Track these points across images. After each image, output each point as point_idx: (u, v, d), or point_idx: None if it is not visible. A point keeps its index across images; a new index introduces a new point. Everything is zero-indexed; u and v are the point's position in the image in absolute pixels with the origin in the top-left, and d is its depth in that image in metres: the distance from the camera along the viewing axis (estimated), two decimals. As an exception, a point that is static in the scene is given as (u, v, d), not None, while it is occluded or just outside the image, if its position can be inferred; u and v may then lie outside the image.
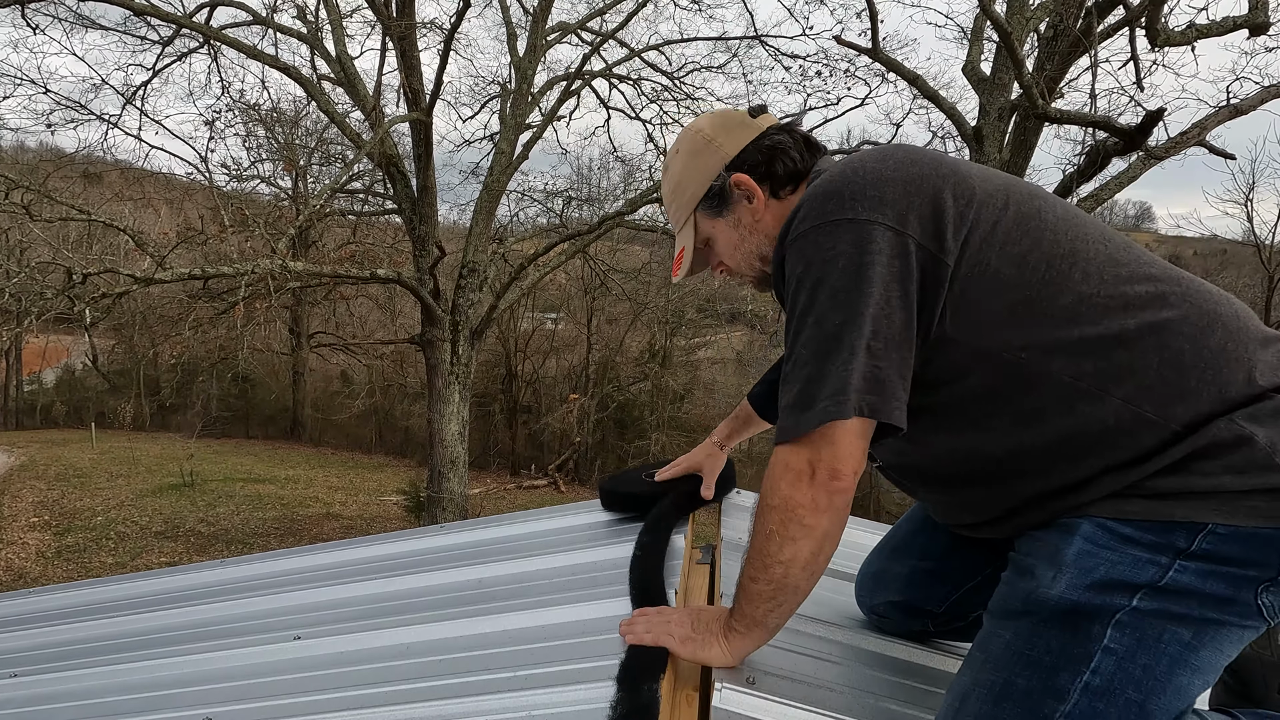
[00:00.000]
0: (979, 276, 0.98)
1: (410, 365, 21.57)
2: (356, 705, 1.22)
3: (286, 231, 9.46)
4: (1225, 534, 0.90)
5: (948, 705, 1.02)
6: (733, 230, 1.22)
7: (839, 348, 0.95)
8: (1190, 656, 0.91)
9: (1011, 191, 1.02)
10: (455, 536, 2.10)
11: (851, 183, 1.00)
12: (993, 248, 0.98)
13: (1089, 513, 0.97)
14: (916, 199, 0.98)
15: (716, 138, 1.21)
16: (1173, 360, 0.95)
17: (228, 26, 10.89)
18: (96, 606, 2.11)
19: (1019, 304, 0.97)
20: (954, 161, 1.05)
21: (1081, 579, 0.93)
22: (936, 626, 1.37)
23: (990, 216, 0.99)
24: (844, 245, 0.97)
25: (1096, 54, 6.04)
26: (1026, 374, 0.98)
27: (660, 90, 12.80)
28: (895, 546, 1.41)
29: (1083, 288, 0.97)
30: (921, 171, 1.00)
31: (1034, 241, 0.99)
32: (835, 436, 0.96)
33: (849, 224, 0.97)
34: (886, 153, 1.04)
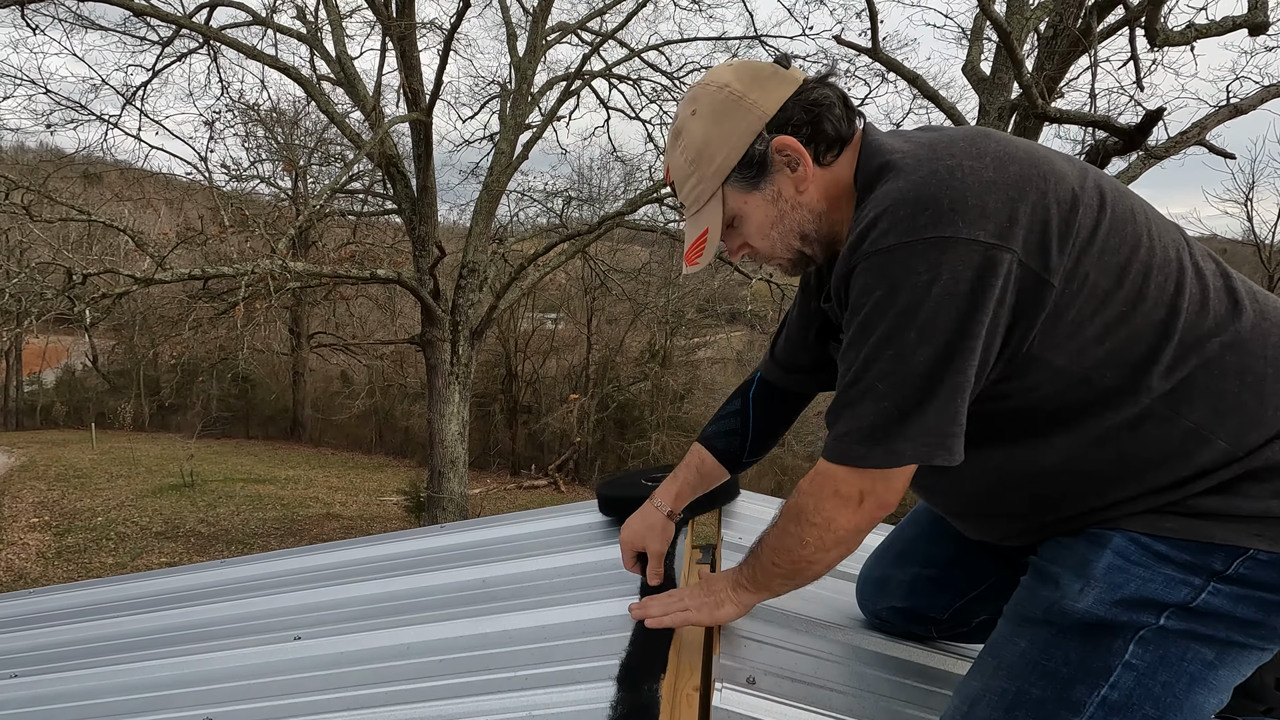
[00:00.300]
0: (1078, 292, 0.88)
1: (410, 365, 21.56)
2: (357, 705, 1.22)
3: (286, 232, 9.46)
4: (1266, 560, 0.87)
5: (955, 709, 1.00)
6: (770, 205, 1.05)
7: (921, 390, 0.88)
8: (1210, 676, 0.90)
9: (1104, 187, 0.91)
10: (455, 537, 2.10)
11: (951, 188, 0.86)
12: (1091, 257, 0.87)
13: (1122, 525, 0.94)
14: (1021, 206, 0.86)
15: (749, 94, 1.01)
16: (1254, 385, 0.89)
17: (227, 27, 10.89)
18: (97, 607, 2.11)
19: (1114, 321, 0.89)
20: (1043, 153, 0.92)
21: (1110, 594, 0.91)
22: (939, 632, 1.36)
23: (1090, 220, 0.88)
24: (942, 271, 0.85)
25: (1096, 53, 6.04)
26: (1102, 393, 0.91)
27: (660, 90, 12.80)
28: (899, 552, 1.39)
29: (1176, 300, 0.89)
30: (1022, 171, 0.88)
31: (1132, 248, 0.89)
32: (893, 475, 0.94)
33: (948, 244, 0.85)
34: (979, 146, 0.90)
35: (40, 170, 12.34)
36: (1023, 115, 6.84)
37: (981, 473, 1.01)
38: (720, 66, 1.07)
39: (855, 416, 0.93)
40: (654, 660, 1.15)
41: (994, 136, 0.93)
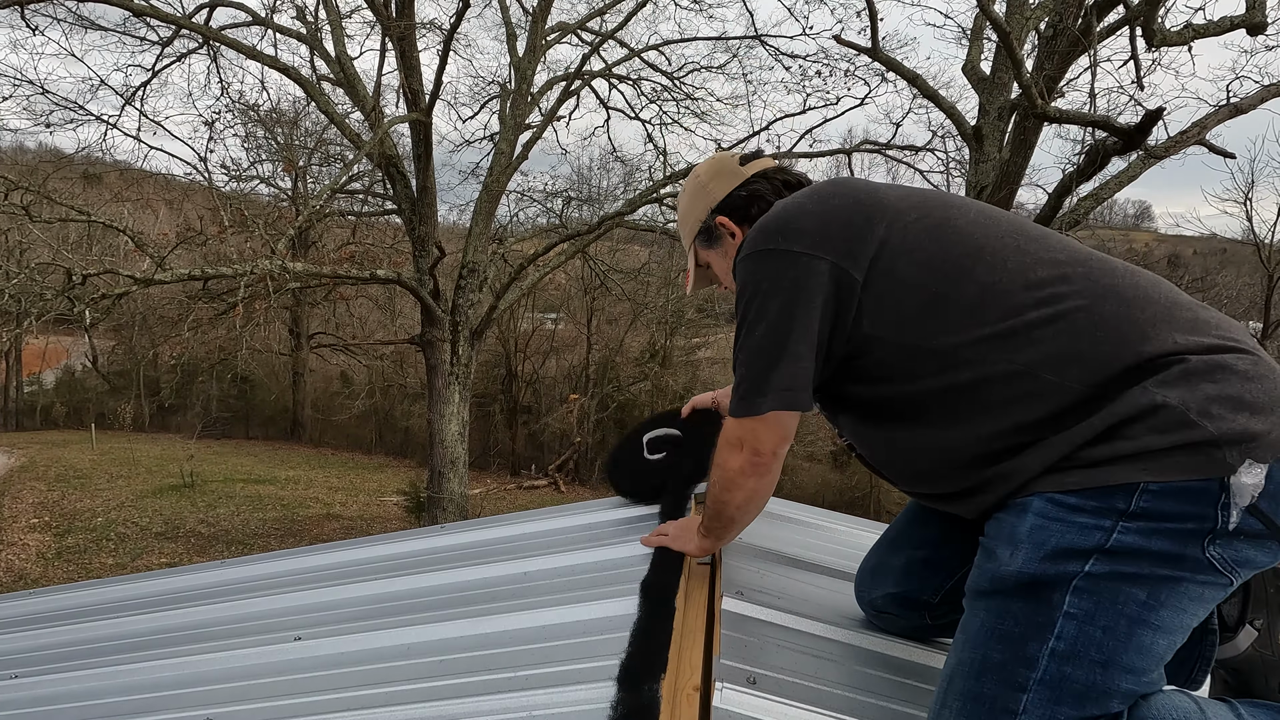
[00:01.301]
0: (890, 282, 1.14)
1: (410, 365, 21.57)
2: (357, 706, 1.23)
3: (286, 232, 9.46)
4: (1158, 490, 0.94)
5: (938, 688, 1.07)
6: (723, 259, 1.46)
7: (762, 357, 1.19)
8: (1149, 615, 0.95)
9: (926, 206, 1.19)
10: (455, 537, 2.10)
11: (779, 218, 1.22)
12: (901, 256, 1.14)
13: (1036, 489, 1.03)
14: (832, 225, 1.17)
15: (709, 184, 1.46)
16: (1066, 328, 1.04)
17: (227, 27, 10.89)
18: (97, 607, 2.12)
19: (928, 301, 1.12)
20: (875, 189, 1.22)
21: (1036, 552, 0.99)
22: (933, 619, 1.38)
23: (900, 230, 1.15)
24: (767, 271, 1.19)
25: (1096, 53, 6.03)
26: (942, 358, 1.10)
27: (660, 90, 12.81)
28: (891, 539, 1.45)
29: (986, 278, 1.10)
30: (840, 203, 1.20)
31: (939, 245, 1.13)
32: (756, 425, 1.23)
33: (772, 254, 1.19)
34: (817, 190, 1.24)
35: (40, 171, 12.34)
36: (1022, 115, 6.84)
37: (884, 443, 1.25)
38: (706, 160, 1.55)
39: (736, 384, 1.25)
40: (654, 660, 1.15)
41: (841, 184, 1.24)
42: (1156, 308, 1.04)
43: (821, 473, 19.28)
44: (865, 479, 17.36)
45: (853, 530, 2.24)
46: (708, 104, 13.04)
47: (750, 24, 12.14)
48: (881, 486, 17.53)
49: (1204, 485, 0.92)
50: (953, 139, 10.70)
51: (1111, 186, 7.21)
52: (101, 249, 17.82)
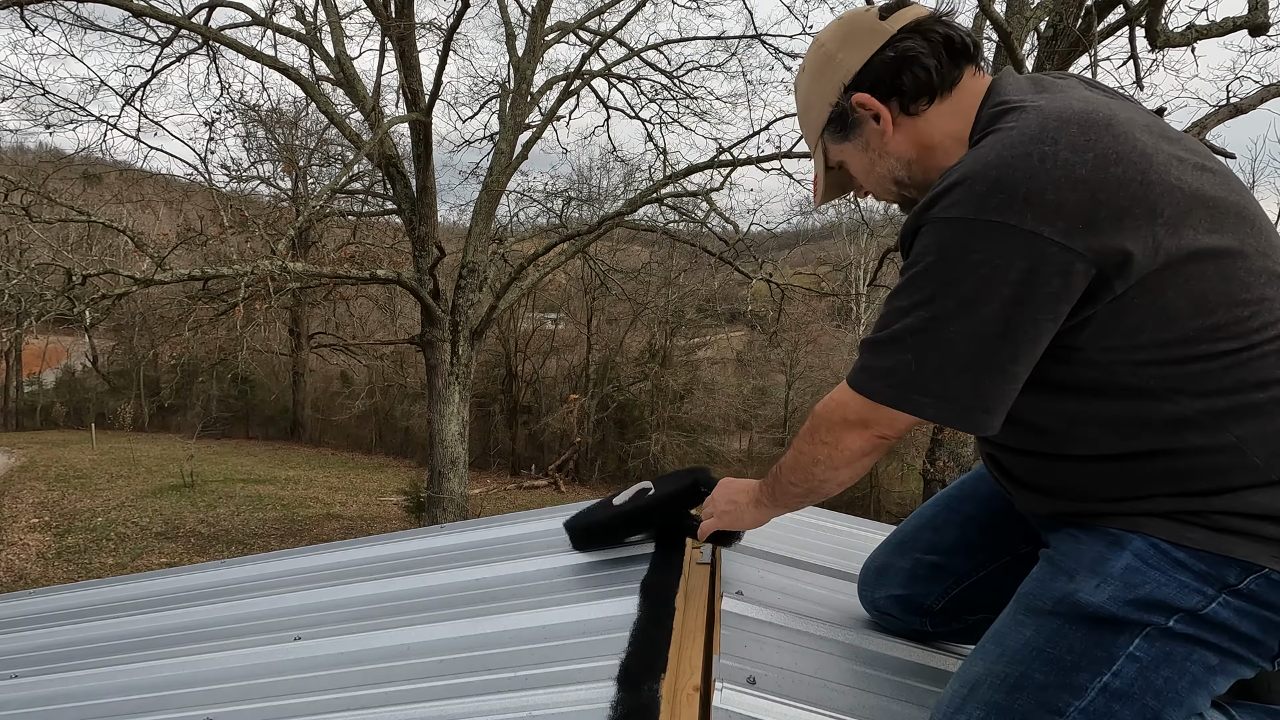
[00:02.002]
0: (1147, 307, 0.88)
1: (410, 365, 21.56)
2: (357, 706, 1.22)
3: (286, 232, 9.45)
4: (1278, 581, 0.90)
5: (954, 692, 1.02)
6: (862, 154, 1.12)
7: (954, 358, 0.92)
8: (1209, 680, 0.93)
9: (1220, 209, 0.89)
10: (455, 537, 2.10)
11: (1033, 176, 0.85)
12: (1176, 277, 0.87)
13: (1143, 529, 0.96)
14: (1104, 209, 0.85)
15: (838, 52, 1.08)
16: None
17: (226, 27, 10.89)
18: (97, 607, 2.12)
19: (1177, 342, 0.89)
20: (1166, 161, 0.88)
21: (1125, 593, 0.93)
22: (934, 627, 1.37)
23: (1187, 243, 0.86)
24: (996, 257, 0.87)
25: (1096, 53, 6.04)
26: (1147, 399, 0.92)
27: (660, 89, 12.81)
28: (900, 541, 1.42)
29: (1256, 337, 0.89)
30: (1123, 174, 0.85)
31: (1223, 280, 0.88)
32: (899, 419, 1.01)
33: (1010, 232, 0.85)
34: (1090, 136, 0.87)
35: (40, 171, 12.34)
36: (1022, 115, 6.84)
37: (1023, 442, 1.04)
38: (832, 21, 1.14)
39: (880, 355, 0.98)
40: (654, 660, 1.15)
41: (1116, 129, 0.88)
42: None
43: (821, 473, 19.27)
44: (865, 479, 17.35)
45: (853, 530, 2.24)
46: (707, 103, 13.06)
47: (750, 23, 12.17)
48: (881, 486, 17.52)
49: None
50: (953, 139, 10.65)
51: (1111, 186, 7.18)
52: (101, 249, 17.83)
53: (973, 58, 1.06)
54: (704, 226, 12.41)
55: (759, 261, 12.07)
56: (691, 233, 13.00)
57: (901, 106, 1.07)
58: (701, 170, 11.75)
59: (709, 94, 13.03)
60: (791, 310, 15.04)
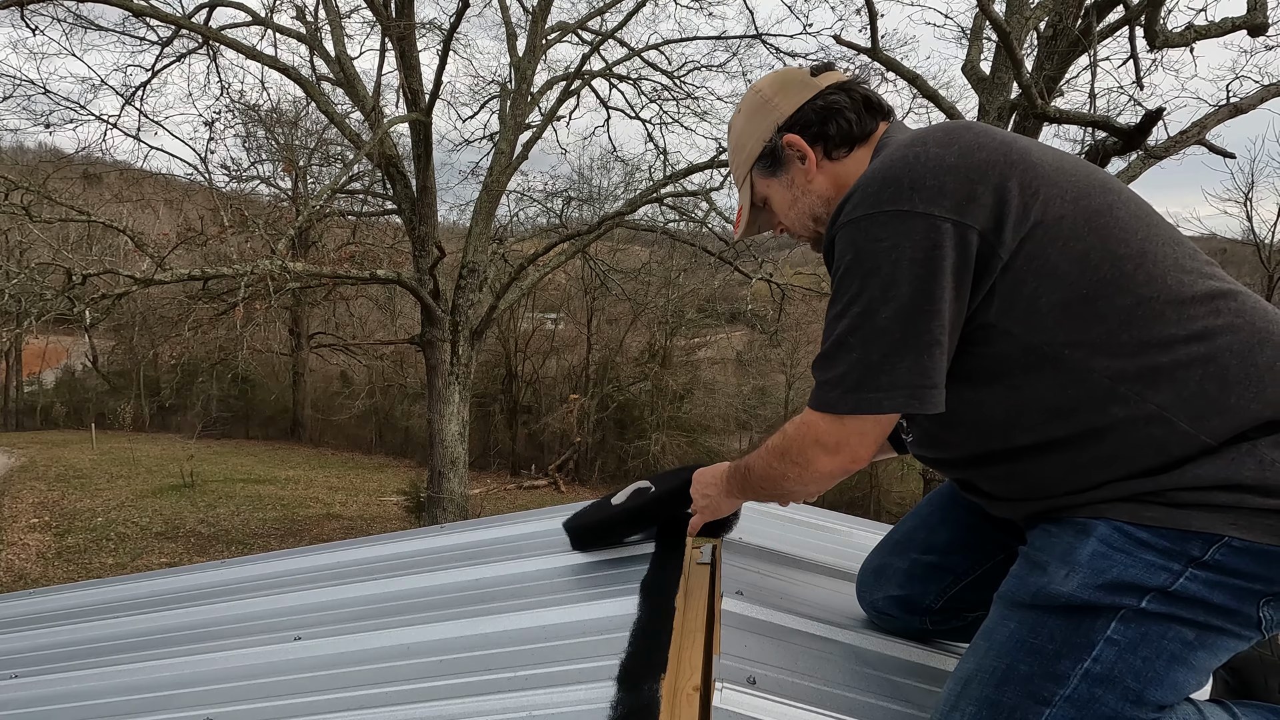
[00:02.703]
0: (1037, 271, 0.97)
1: (410, 365, 21.56)
2: (357, 706, 1.23)
3: (286, 232, 9.45)
4: (1239, 548, 0.92)
5: (950, 690, 1.04)
6: (787, 190, 1.24)
7: (888, 343, 0.98)
8: (1189, 655, 0.94)
9: (1083, 183, 1.00)
10: (455, 537, 2.10)
11: (913, 170, 0.98)
12: (1055, 243, 0.96)
13: (1106, 514, 0.98)
14: (979, 187, 0.96)
15: (774, 98, 1.21)
16: (1217, 374, 0.94)
17: (227, 27, 10.89)
18: (97, 607, 2.12)
19: (1075, 301, 0.97)
20: (1025, 146, 1.02)
21: (1094, 579, 0.96)
22: (934, 625, 1.38)
23: (1056, 210, 0.97)
24: (900, 239, 0.96)
25: (1096, 53, 6.04)
26: (1067, 369, 0.98)
27: (660, 89, 12.81)
28: (897, 541, 1.43)
29: (1144, 290, 0.96)
30: (988, 158, 0.98)
31: (1100, 239, 0.97)
32: (867, 428, 1.04)
33: (906, 216, 0.96)
34: (953, 135, 1.01)
35: (40, 171, 12.34)
36: (1022, 115, 6.84)
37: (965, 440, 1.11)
38: (768, 74, 1.29)
39: (832, 367, 1.04)
40: (654, 660, 1.15)
41: (976, 129, 1.03)
42: None
43: (821, 473, 19.27)
44: (865, 479, 17.36)
45: (853, 530, 2.24)
46: (708, 103, 13.09)
47: (750, 23, 12.17)
48: (881, 486, 17.53)
49: None
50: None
51: (1112, 186, 7.18)
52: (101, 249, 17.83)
53: (886, 114, 1.20)
54: (704, 226, 12.42)
55: (759, 261, 12.07)
56: (691, 233, 13.01)
57: (826, 151, 1.20)
58: (701, 170, 11.76)
59: (710, 94, 13.05)
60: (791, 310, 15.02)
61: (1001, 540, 1.27)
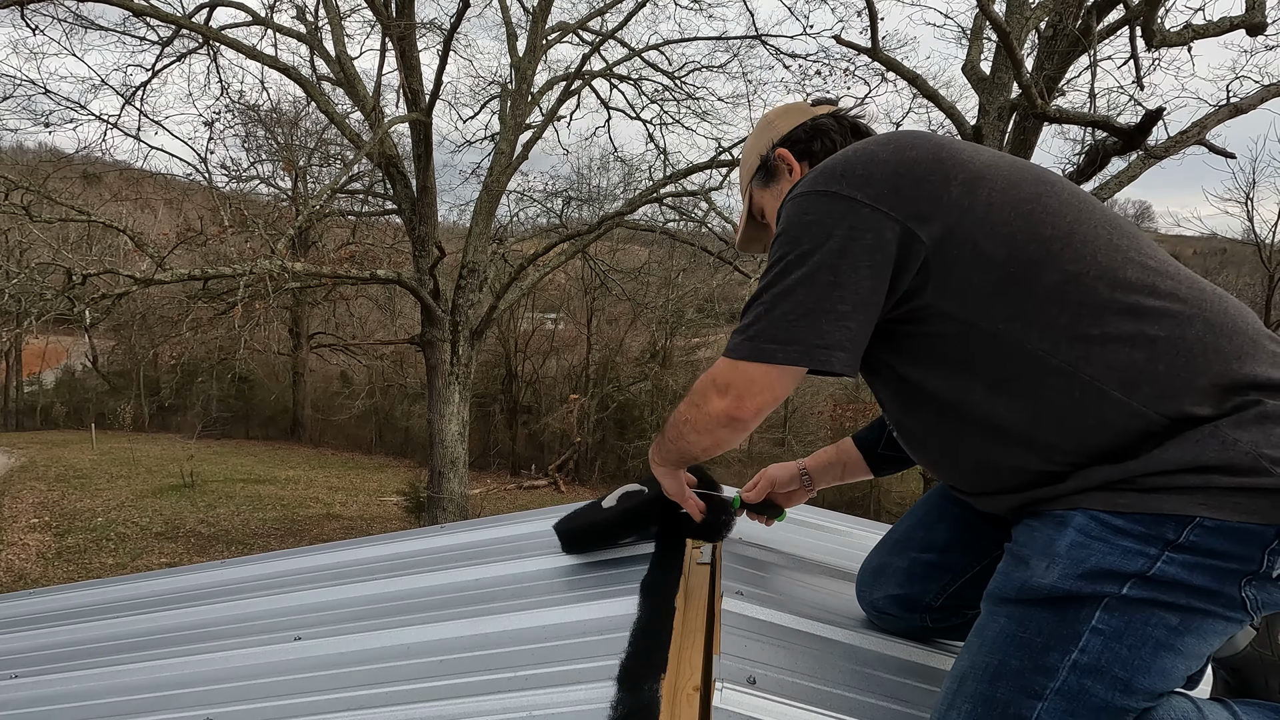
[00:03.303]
0: (965, 253, 1.03)
1: (410, 365, 21.57)
2: (357, 706, 1.23)
3: (286, 232, 9.46)
4: (1212, 528, 0.93)
5: (946, 688, 1.05)
6: (775, 201, 1.33)
7: (793, 304, 1.07)
8: (1175, 641, 0.95)
9: (1014, 176, 1.07)
10: (455, 537, 2.10)
11: (845, 160, 1.09)
12: (982, 227, 1.03)
13: (1081, 504, 1.00)
14: (904, 179, 1.05)
15: (776, 121, 1.37)
16: (1144, 345, 0.98)
17: (227, 27, 10.89)
18: (97, 607, 2.12)
19: (1004, 279, 1.02)
20: (958, 147, 1.09)
21: (1074, 569, 0.97)
22: (934, 623, 1.38)
23: (984, 199, 1.04)
24: (821, 215, 1.07)
25: (1096, 53, 6.04)
26: (1004, 344, 1.03)
27: (661, 90, 12.81)
28: (895, 541, 1.44)
29: (1071, 267, 1.01)
30: (917, 156, 1.07)
31: (1027, 223, 1.03)
32: (757, 375, 1.11)
33: (831, 196, 1.07)
34: (894, 137, 1.11)
35: (40, 170, 12.34)
36: (1022, 115, 6.85)
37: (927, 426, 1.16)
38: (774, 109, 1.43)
39: (743, 319, 1.12)
40: (654, 660, 1.15)
41: (919, 135, 1.12)
42: (1243, 339, 0.99)
43: (821, 473, 19.29)
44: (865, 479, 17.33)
45: (853, 530, 2.24)
46: (708, 103, 13.08)
47: (751, 24, 12.17)
48: (881, 486, 17.54)
49: (1260, 529, 0.92)
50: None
51: (1111, 186, 7.21)
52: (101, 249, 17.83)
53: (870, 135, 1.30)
54: (704, 226, 12.42)
55: (759, 261, 12.07)
56: (691, 233, 13.00)
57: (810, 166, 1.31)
58: (701, 170, 11.76)
59: (710, 94, 13.05)
60: (791, 310, 14.99)
61: (998, 537, 1.28)
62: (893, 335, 1.11)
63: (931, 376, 1.10)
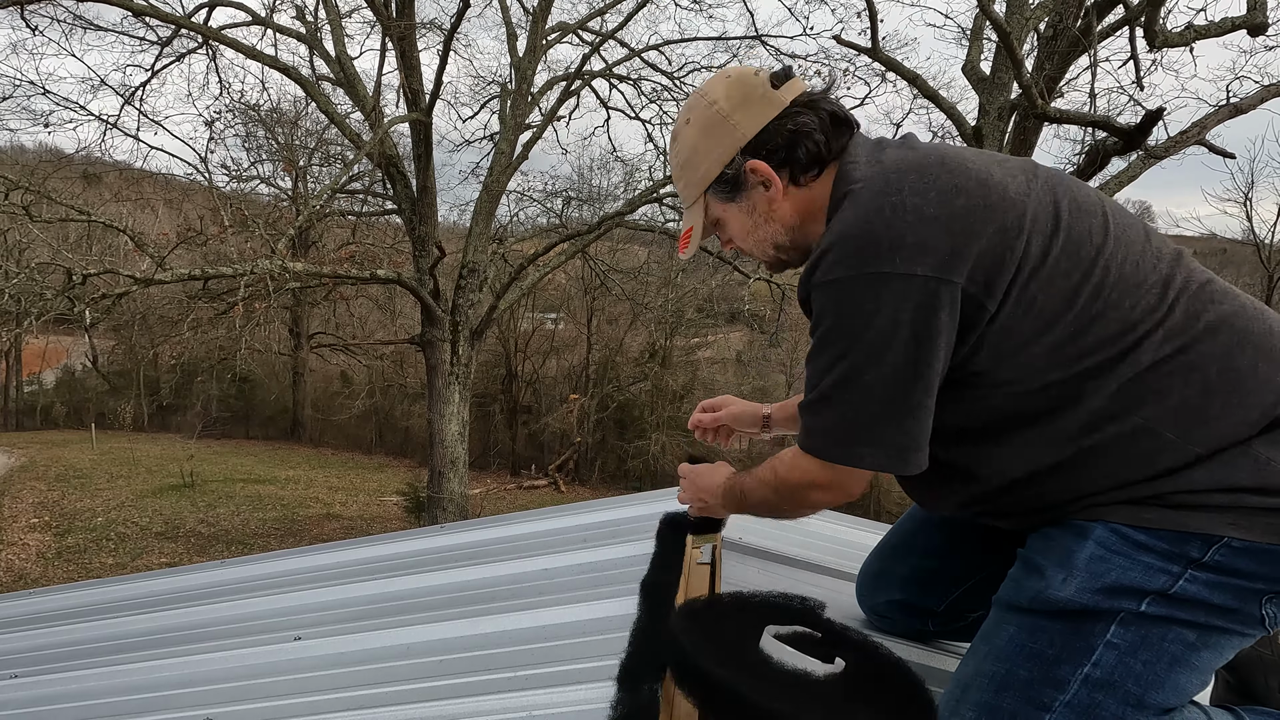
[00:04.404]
0: (1024, 314, 0.94)
1: (410, 365, 21.56)
2: (357, 705, 1.23)
3: (286, 232, 9.46)
4: (1239, 548, 0.91)
5: (950, 694, 1.04)
6: (746, 216, 1.15)
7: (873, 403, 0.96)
8: (1192, 657, 0.93)
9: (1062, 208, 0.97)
10: (455, 537, 2.10)
11: (891, 226, 0.93)
12: (1040, 282, 0.94)
13: (1103, 516, 0.97)
14: (962, 238, 0.93)
15: (733, 114, 1.10)
16: (1199, 383, 0.94)
17: (226, 27, 10.89)
18: (97, 607, 2.12)
19: (1065, 340, 0.95)
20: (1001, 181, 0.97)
21: (1092, 583, 0.95)
22: (936, 626, 1.37)
23: (1040, 247, 0.94)
24: (882, 304, 0.93)
25: (1096, 53, 6.03)
26: (1056, 401, 0.97)
27: (660, 90, 12.80)
28: (896, 545, 1.42)
29: (1131, 315, 0.94)
30: (968, 204, 0.94)
31: (1085, 272, 0.94)
32: (859, 476, 1.04)
33: (887, 279, 0.92)
34: (927, 179, 0.96)
35: (39, 171, 12.33)
36: (1022, 115, 6.84)
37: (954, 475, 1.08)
38: (718, 77, 1.14)
39: (818, 416, 1.02)
40: (654, 660, 1.15)
41: (949, 165, 0.98)
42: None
43: (821, 473, 19.29)
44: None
45: (853, 530, 2.24)
46: (708, 104, 13.00)
47: (751, 24, 12.16)
48: (881, 486, 17.52)
49: None
50: (953, 139, 10.70)
51: (1112, 186, 7.21)
52: (101, 249, 17.82)
53: (852, 129, 1.10)
54: (704, 226, 12.38)
55: (758, 262, 12.04)
56: (691, 233, 12.96)
57: (792, 177, 1.10)
58: (701, 170, 11.71)
59: (709, 94, 12.99)
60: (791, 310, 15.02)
61: (1002, 541, 1.27)
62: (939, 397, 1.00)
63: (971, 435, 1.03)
